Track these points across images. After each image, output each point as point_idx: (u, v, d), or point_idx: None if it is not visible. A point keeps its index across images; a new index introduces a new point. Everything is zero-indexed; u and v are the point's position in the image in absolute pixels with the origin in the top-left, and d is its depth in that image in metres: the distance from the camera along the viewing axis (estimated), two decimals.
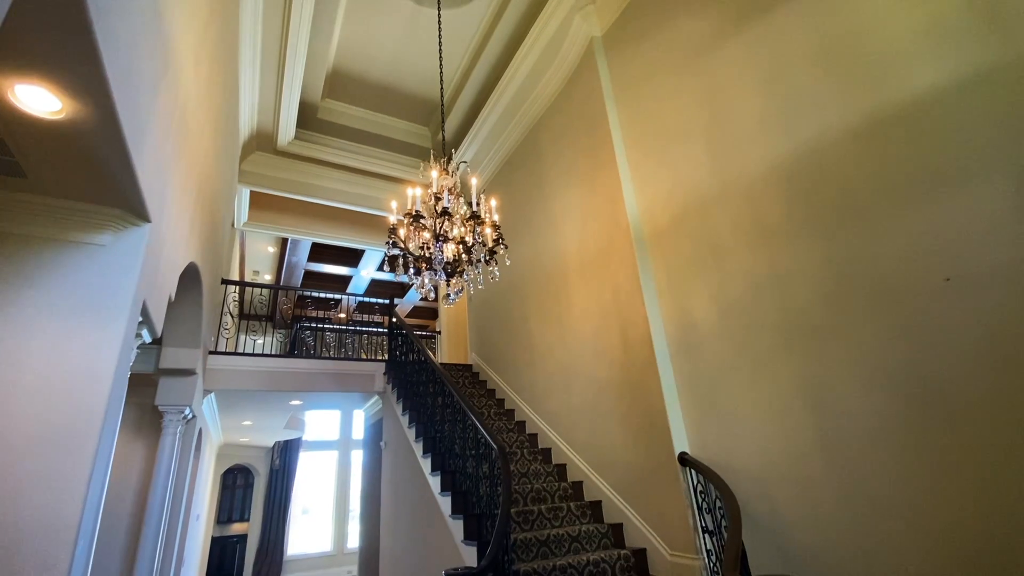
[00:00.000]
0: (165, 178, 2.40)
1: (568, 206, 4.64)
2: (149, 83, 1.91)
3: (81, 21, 1.33)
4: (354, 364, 6.22)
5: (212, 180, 3.91)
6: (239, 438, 10.35)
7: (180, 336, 4.17)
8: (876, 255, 2.29)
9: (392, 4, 4.96)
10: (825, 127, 2.55)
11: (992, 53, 1.96)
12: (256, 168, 6.41)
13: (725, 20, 3.21)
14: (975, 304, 1.95)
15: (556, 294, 4.71)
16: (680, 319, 3.36)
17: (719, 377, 3.03)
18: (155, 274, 2.50)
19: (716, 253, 3.13)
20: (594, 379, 4.01)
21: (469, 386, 5.85)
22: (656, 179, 3.67)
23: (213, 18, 3.00)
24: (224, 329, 6.20)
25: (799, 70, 2.71)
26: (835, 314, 2.44)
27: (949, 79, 2.08)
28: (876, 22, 2.36)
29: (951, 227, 2.04)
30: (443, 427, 4.09)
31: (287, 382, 5.80)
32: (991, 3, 1.98)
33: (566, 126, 4.77)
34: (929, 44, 2.16)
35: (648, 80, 3.83)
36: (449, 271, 3.24)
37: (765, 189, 2.85)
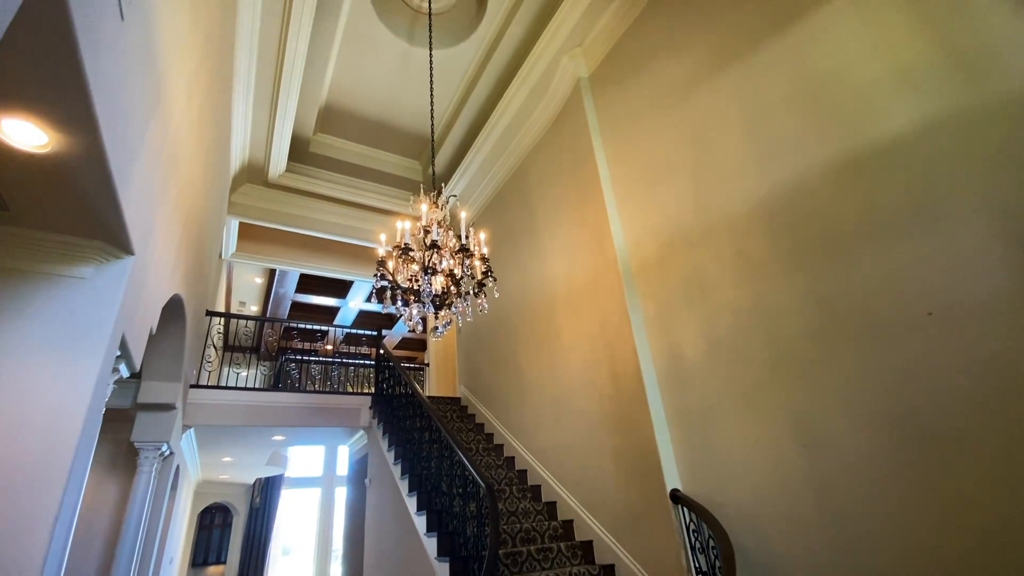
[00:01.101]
0: (151, 210, 2.38)
1: (556, 239, 4.68)
2: (139, 118, 1.92)
3: (71, 58, 1.34)
4: (339, 398, 6.09)
5: (200, 212, 3.90)
6: (218, 475, 10.00)
7: (160, 370, 4.07)
8: (859, 289, 2.32)
9: (385, 44, 5.10)
10: (804, 165, 2.62)
11: (960, 97, 2.05)
12: (246, 200, 6.42)
13: (705, 64, 3.33)
14: (957, 338, 1.97)
15: (545, 327, 4.70)
16: (669, 352, 3.35)
17: (709, 412, 3.01)
18: (136, 307, 2.46)
19: (703, 287, 3.16)
20: (584, 413, 3.96)
21: (457, 420, 5.75)
22: (643, 214, 3.72)
23: (207, 56, 3.05)
24: (207, 362, 6.07)
25: (778, 111, 2.80)
26: (821, 348, 2.45)
27: (922, 120, 2.17)
28: (849, 66, 2.47)
29: (931, 262, 2.08)
30: (430, 463, 3.98)
31: (270, 417, 5.65)
32: (956, 51, 2.08)
33: (554, 161, 4.86)
34: (901, 87, 2.25)
35: (633, 119, 3.94)
36: (437, 303, 3.22)
37: (749, 225, 2.90)
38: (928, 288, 2.08)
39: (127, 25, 1.61)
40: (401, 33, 5.00)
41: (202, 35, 2.79)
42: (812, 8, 2.68)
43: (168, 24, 2.08)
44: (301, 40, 4.50)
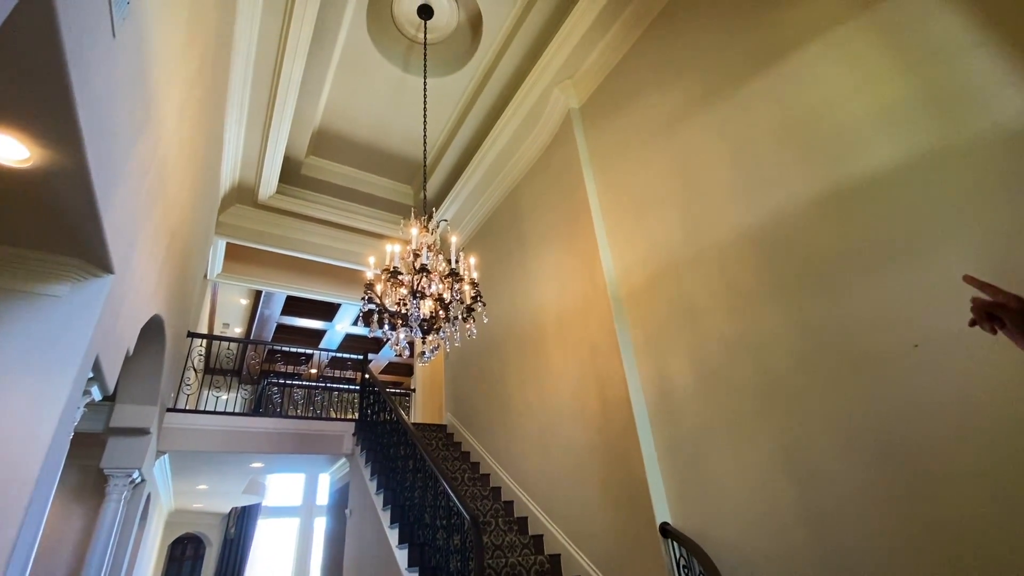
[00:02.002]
0: (134, 229, 2.33)
1: (546, 266, 4.68)
2: (126, 135, 1.89)
3: (58, 73, 1.32)
4: (322, 424, 5.94)
5: (187, 232, 3.85)
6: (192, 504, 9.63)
7: (136, 392, 3.94)
8: (846, 320, 2.33)
9: (380, 71, 5.17)
10: (790, 198, 2.66)
11: (938, 135, 2.11)
12: (235, 220, 6.37)
13: (692, 99, 3.41)
14: (943, 370, 1.97)
15: (534, 353, 4.65)
16: (659, 381, 3.32)
17: (699, 442, 2.97)
18: (113, 327, 2.38)
19: (691, 315, 3.15)
20: (573, 443, 3.89)
21: (443, 448, 5.62)
22: (632, 242, 3.74)
23: (202, 76, 3.05)
24: (186, 385, 5.91)
25: (763, 145, 2.86)
26: (810, 378, 2.44)
27: (903, 157, 2.22)
28: (832, 104, 2.53)
29: (917, 295, 2.10)
30: (413, 494, 3.86)
31: (250, 443, 5.48)
32: (934, 92, 2.15)
33: (545, 189, 4.90)
34: (882, 125, 2.31)
35: (623, 149, 4.00)
36: (425, 328, 3.18)
37: (737, 255, 2.92)
38: (914, 320, 2.09)
39: (119, 43, 1.60)
40: (396, 61, 5.08)
41: (197, 56, 2.80)
42: (795, 48, 2.76)
43: (162, 43, 2.08)
44: (296, 66, 4.54)
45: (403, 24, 4.71)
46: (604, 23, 4.14)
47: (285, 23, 4.17)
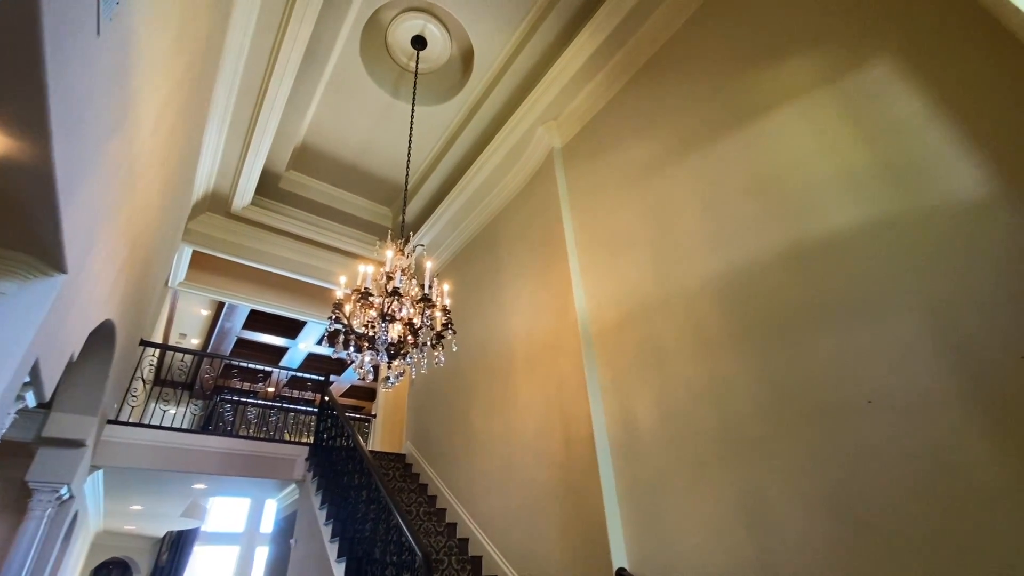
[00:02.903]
0: (94, 230, 2.25)
1: (519, 298, 4.69)
2: (98, 133, 1.84)
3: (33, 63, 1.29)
4: (275, 446, 5.68)
5: (151, 236, 3.73)
6: (123, 525, 8.98)
7: (75, 401, 3.70)
8: (806, 373, 2.39)
9: (369, 94, 5.22)
10: (757, 250, 2.76)
11: (896, 203, 2.24)
12: (204, 228, 6.21)
13: (670, 147, 3.55)
14: (894, 428, 2.03)
15: (501, 385, 4.60)
16: (624, 421, 3.32)
17: (660, 486, 2.95)
18: (59, 330, 2.25)
19: (659, 357, 3.19)
20: (534, 480, 3.82)
21: (399, 479, 5.43)
22: (605, 281, 3.80)
23: (186, 82, 3.02)
24: (132, 396, 5.60)
25: (733, 198, 2.98)
26: (771, 427, 2.48)
27: (863, 220, 2.34)
28: (799, 165, 2.68)
29: (871, 353, 2.18)
30: (364, 526, 3.70)
31: (195, 462, 5.19)
32: (892, 163, 2.29)
33: (523, 223, 4.96)
34: (844, 189, 2.45)
35: (601, 191, 4.10)
36: (392, 352, 3.12)
37: (704, 301, 2.99)
38: (868, 377, 2.16)
39: (103, 41, 1.57)
40: (386, 86, 5.15)
41: (184, 63, 2.78)
42: (767, 110, 2.93)
43: (148, 47, 2.05)
44: (285, 82, 4.55)
45: (396, 52, 4.80)
46: (590, 70, 4.32)
47: (278, 40, 4.20)
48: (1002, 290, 1.87)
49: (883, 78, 2.41)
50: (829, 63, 2.67)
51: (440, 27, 4.54)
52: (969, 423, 1.84)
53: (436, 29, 4.54)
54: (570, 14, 4.28)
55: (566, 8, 4.24)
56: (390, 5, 4.35)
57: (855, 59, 2.56)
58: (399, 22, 4.49)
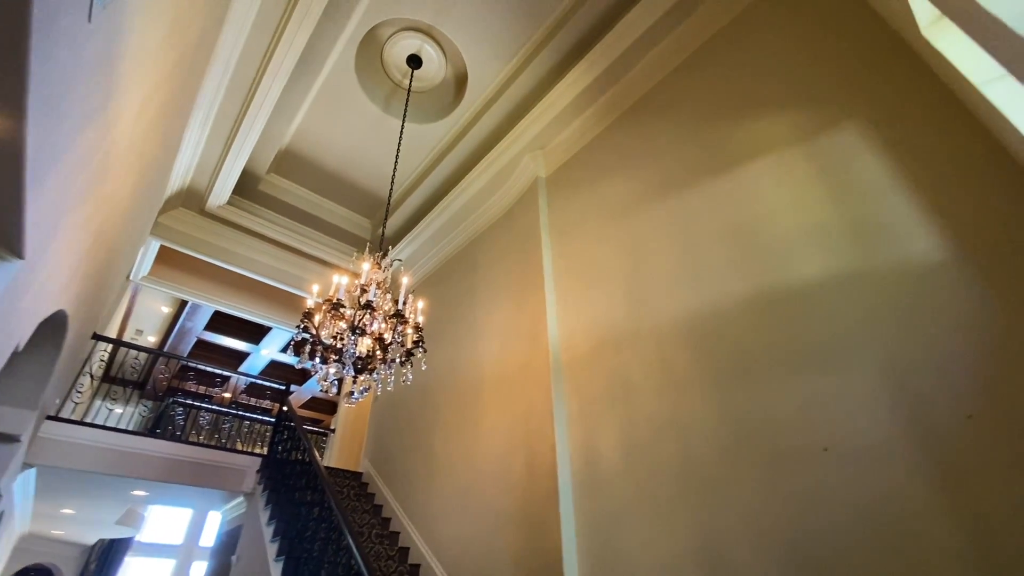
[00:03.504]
0: (59, 216, 2.16)
1: (493, 321, 4.69)
2: (76, 119, 1.80)
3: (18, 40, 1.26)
4: (226, 455, 5.45)
5: (118, 228, 3.60)
6: (51, 530, 8.40)
7: (14, 393, 3.49)
8: (767, 416, 2.45)
9: (360, 106, 5.24)
10: (726, 294, 2.85)
11: (859, 260, 2.35)
12: (175, 224, 6.04)
13: (650, 188, 3.65)
14: (848, 475, 2.09)
15: (468, 408, 4.55)
16: (587, 452, 3.31)
17: (618, 521, 2.94)
18: (7, 317, 2.14)
19: (626, 391, 3.21)
20: (492, 507, 3.75)
21: (354, 499, 5.26)
22: (579, 311, 3.84)
23: (174, 76, 2.98)
24: (77, 392, 5.31)
25: (708, 241, 3.08)
26: (730, 469, 2.51)
27: (828, 273, 2.44)
28: (771, 216, 2.79)
29: (829, 401, 2.25)
30: (313, 545, 3.55)
31: (139, 467, 4.93)
32: (857, 221, 2.41)
33: (503, 247, 5.00)
34: (812, 242, 2.56)
35: (582, 223, 4.18)
36: (359, 367, 3.06)
37: (673, 339, 3.05)
38: (825, 425, 2.22)
39: (93, 27, 1.55)
40: (378, 100, 5.18)
41: (173, 57, 2.75)
42: (745, 160, 3.06)
43: (139, 37, 2.03)
44: (276, 85, 4.53)
45: (391, 68, 4.85)
46: (580, 106, 4.44)
47: (273, 43, 4.19)
48: (952, 352, 1.97)
49: (852, 141, 2.56)
50: (803, 122, 2.82)
51: (437, 49, 4.62)
52: (918, 476, 1.91)
53: (433, 51, 4.62)
54: (564, 51, 4.42)
55: (561, 45, 4.38)
56: (390, 22, 4.42)
57: (828, 121, 2.71)
58: (397, 39, 4.55)
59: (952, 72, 2.04)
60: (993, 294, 1.93)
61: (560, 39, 4.35)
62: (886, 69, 2.55)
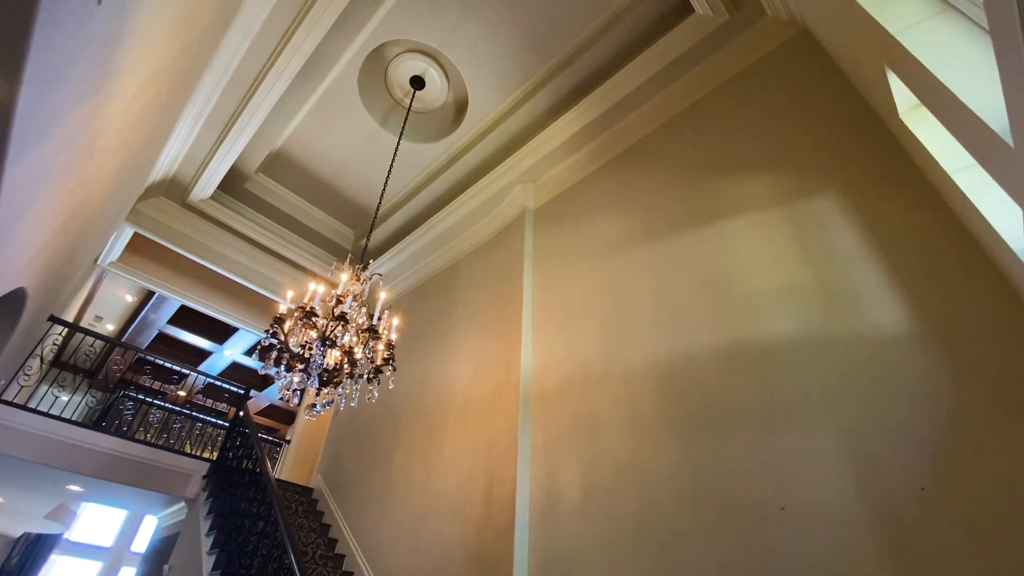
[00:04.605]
0: (36, 192, 2.10)
1: (466, 346, 4.65)
2: (70, 97, 1.77)
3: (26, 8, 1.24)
4: (173, 457, 5.21)
5: (93, 210, 3.51)
6: None
7: None
8: (728, 470, 2.46)
9: (358, 118, 5.27)
10: (697, 344, 2.89)
11: (825, 323, 2.43)
12: (153, 212, 5.89)
13: (633, 232, 3.73)
14: (803, 535, 2.10)
15: (431, 432, 4.46)
16: (548, 489, 3.26)
17: (574, 563, 2.88)
18: None
19: (592, 430, 3.20)
20: (446, 538, 3.64)
21: (302, 515, 5.05)
22: (553, 344, 3.84)
23: (173, 66, 2.97)
24: (25, 374, 5.05)
25: (684, 291, 3.14)
26: (688, 520, 2.50)
27: (795, 334, 2.51)
28: (746, 273, 2.87)
29: (788, 459, 2.28)
30: (252, 562, 3.39)
31: (78, 461, 4.66)
32: (826, 286, 2.50)
33: (484, 272, 5.01)
34: (783, 302, 2.63)
35: (564, 258, 4.23)
36: (324, 379, 2.99)
37: (643, 382, 3.07)
38: (784, 483, 2.25)
39: (103, 10, 1.54)
40: (376, 115, 5.23)
41: (177, 48, 2.74)
42: (725, 216, 3.16)
43: (146, 26, 2.02)
44: (276, 88, 4.54)
45: (393, 86, 4.92)
46: (573, 146, 4.56)
47: (280, 46, 4.22)
48: (909, 422, 2.03)
49: (829, 209, 2.68)
50: (784, 187, 2.95)
51: (441, 74, 4.71)
52: (873, 542, 1.93)
53: (436, 75, 4.71)
54: (562, 93, 4.57)
55: (561, 86, 4.53)
56: (398, 42, 4.50)
57: (807, 188, 2.83)
58: (402, 59, 4.63)
59: (926, 157, 2.17)
60: (950, 369, 2.01)
61: (560, 80, 4.50)
62: (865, 146, 2.69)
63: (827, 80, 3.06)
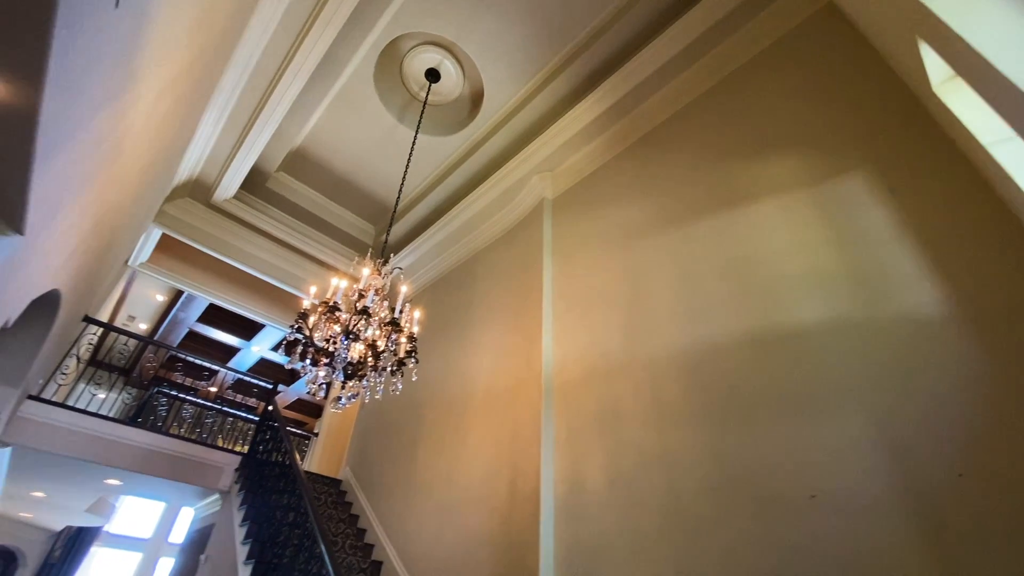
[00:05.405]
0: (64, 196, 2.16)
1: (487, 338, 4.66)
2: (92, 102, 1.80)
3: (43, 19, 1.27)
4: (206, 451, 5.37)
5: (122, 212, 3.60)
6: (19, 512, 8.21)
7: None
8: (755, 458, 2.41)
9: (375, 114, 5.30)
10: (722, 331, 2.83)
11: (857, 308, 2.35)
12: (179, 213, 6.04)
13: (654, 219, 3.67)
14: (834, 526, 2.05)
15: (455, 424, 4.49)
16: (572, 479, 3.26)
17: (599, 552, 2.88)
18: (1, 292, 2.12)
19: (615, 421, 3.18)
20: (471, 529, 3.68)
21: (331, 506, 5.16)
22: (574, 335, 3.82)
23: (193, 68, 3.01)
24: (62, 373, 5.25)
25: (707, 277, 3.08)
26: (714, 508, 2.47)
27: (824, 319, 2.44)
28: (772, 257, 2.79)
29: (818, 446, 2.22)
30: (284, 552, 3.47)
31: (115, 455, 4.84)
32: (856, 269, 2.42)
33: (504, 264, 5.00)
34: (810, 287, 2.56)
35: (583, 247, 4.19)
36: (349, 372, 3.03)
37: (666, 371, 3.02)
38: (813, 471, 2.19)
39: (119, 13, 1.57)
40: (393, 110, 5.24)
41: (195, 49, 2.78)
42: (750, 199, 3.08)
43: (163, 28, 2.05)
44: (294, 86, 4.58)
45: (408, 80, 4.91)
46: (590, 133, 4.50)
47: (295, 45, 4.25)
48: (944, 407, 1.95)
49: (858, 189, 2.58)
50: (811, 167, 2.85)
51: (456, 66, 4.68)
52: (906, 532, 1.87)
53: (452, 66, 4.68)
54: (580, 78, 4.49)
55: (577, 73, 4.46)
56: (412, 35, 4.49)
57: (835, 168, 2.73)
58: (417, 52, 4.62)
59: (961, 130, 2.07)
60: (988, 353, 1.93)
61: (576, 67, 4.43)
62: (896, 122, 2.59)
63: (854, 55, 2.94)
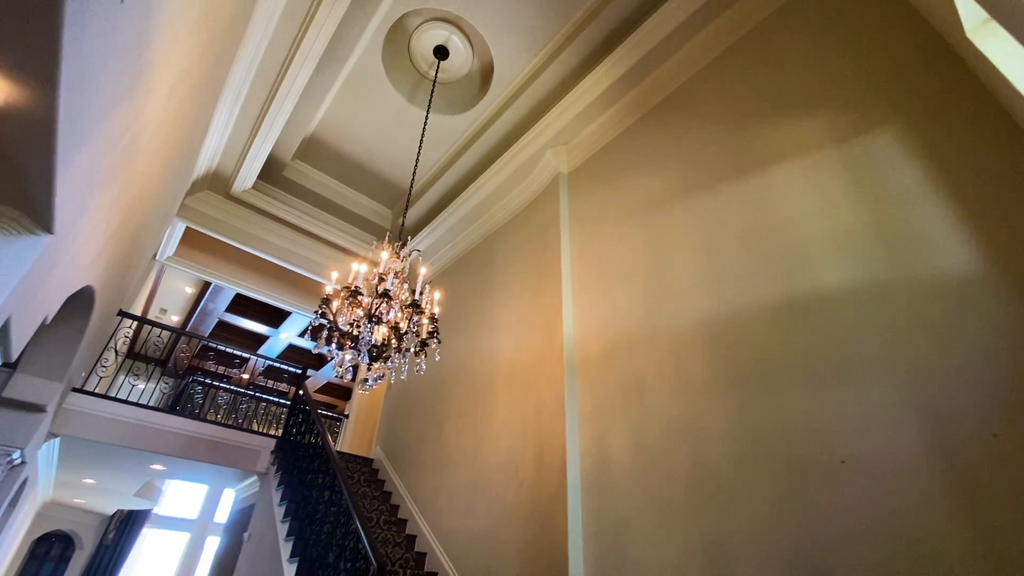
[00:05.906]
0: (88, 193, 2.21)
1: (508, 315, 4.68)
2: (106, 99, 1.83)
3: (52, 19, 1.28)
4: (242, 435, 5.57)
5: (146, 208, 3.68)
6: (73, 498, 8.70)
7: (42, 364, 3.61)
8: (783, 426, 2.39)
9: (385, 96, 5.26)
10: (747, 299, 2.78)
11: (885, 269, 2.27)
12: (200, 206, 6.15)
13: (674, 187, 3.59)
14: (865, 490, 2.03)
15: (479, 401, 4.55)
16: (597, 452, 3.29)
17: (626, 523, 2.91)
18: (36, 290, 2.20)
19: (639, 393, 3.18)
20: (500, 501, 3.76)
21: (364, 484, 5.32)
22: (595, 309, 3.80)
23: (203, 60, 3.02)
24: (102, 366, 5.47)
25: (730, 245, 3.01)
26: (742, 477, 2.47)
27: (851, 282, 2.37)
28: (797, 220, 2.71)
29: (848, 412, 2.18)
30: (322, 528, 3.61)
31: (158, 442, 5.06)
32: (886, 230, 2.33)
33: (521, 241, 4.98)
34: (837, 250, 2.48)
35: (601, 221, 4.13)
36: (374, 354, 3.08)
37: (690, 341, 3.00)
38: (843, 436, 2.17)
39: (126, 9, 1.57)
40: (403, 91, 5.19)
41: (203, 41, 2.78)
42: (771, 163, 2.98)
43: (171, 21, 2.05)
44: (303, 73, 4.57)
45: (417, 59, 4.85)
46: (605, 102, 4.39)
47: (302, 31, 4.22)
48: (977, 368, 1.90)
49: (887, 147, 2.47)
50: (836, 125, 2.74)
51: (464, 41, 4.60)
52: (939, 494, 1.85)
53: (460, 42, 4.60)
54: (591, 46, 4.36)
55: (588, 40, 4.33)
56: (418, 12, 4.41)
57: (861, 125, 2.62)
58: (424, 30, 4.54)
59: (997, 77, 1.95)
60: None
61: (588, 34, 4.30)
62: (926, 72, 2.45)
63: (879, 2, 2.79)
